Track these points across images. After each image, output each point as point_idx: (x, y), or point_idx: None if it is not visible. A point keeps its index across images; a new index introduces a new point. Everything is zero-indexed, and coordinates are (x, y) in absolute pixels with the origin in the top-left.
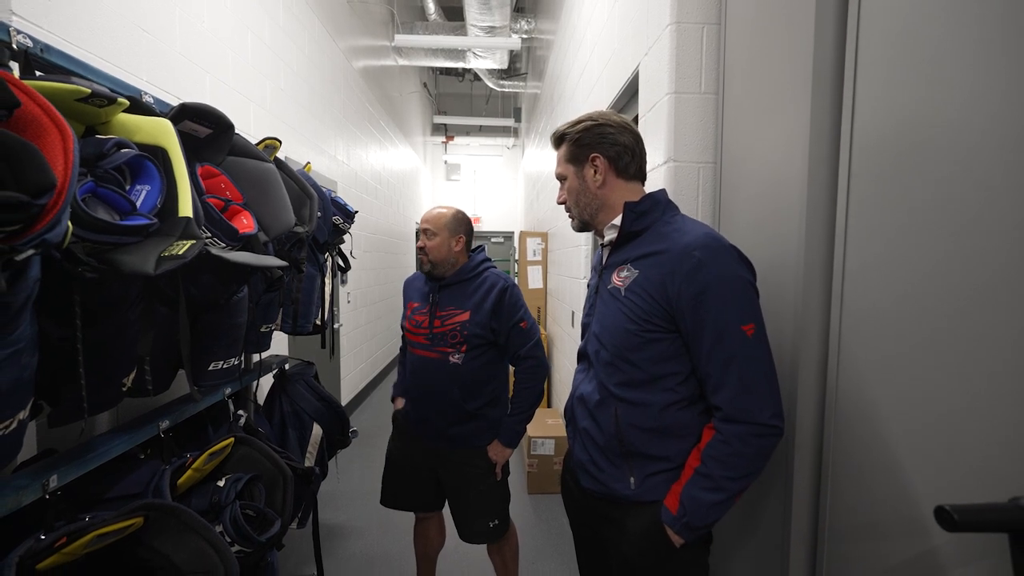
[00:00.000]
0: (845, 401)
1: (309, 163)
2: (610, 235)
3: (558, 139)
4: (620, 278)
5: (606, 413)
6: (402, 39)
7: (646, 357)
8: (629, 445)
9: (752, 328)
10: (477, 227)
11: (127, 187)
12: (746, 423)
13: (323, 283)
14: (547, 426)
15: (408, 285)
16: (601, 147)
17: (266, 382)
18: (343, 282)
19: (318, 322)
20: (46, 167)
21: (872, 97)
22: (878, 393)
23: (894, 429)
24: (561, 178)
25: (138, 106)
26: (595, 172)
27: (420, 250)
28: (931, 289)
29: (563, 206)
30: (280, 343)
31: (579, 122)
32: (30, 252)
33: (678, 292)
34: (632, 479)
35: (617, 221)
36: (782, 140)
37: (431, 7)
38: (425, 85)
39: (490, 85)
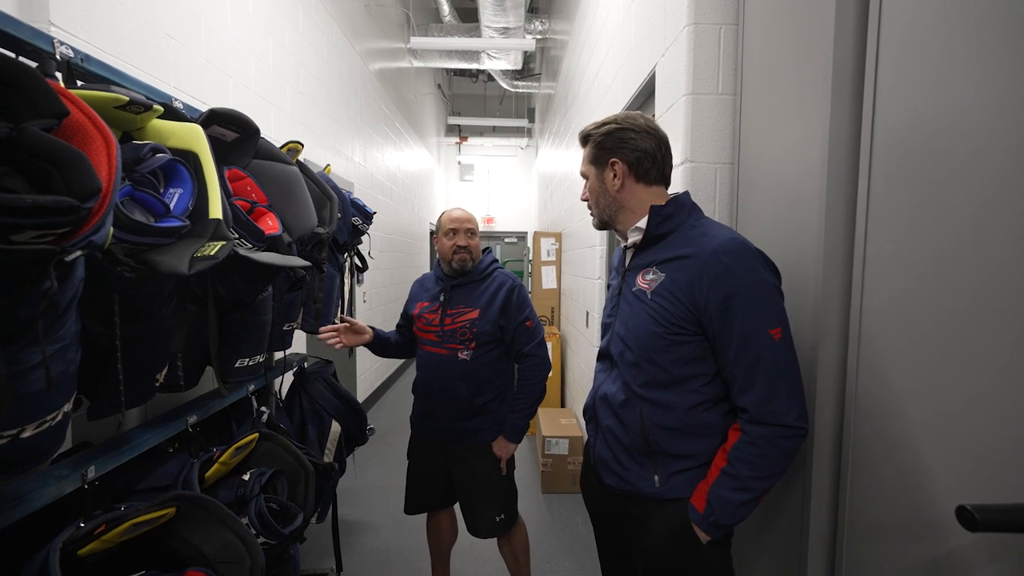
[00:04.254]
0: (864, 398)
1: (329, 165)
2: (634, 237)
3: (584, 139)
4: (646, 281)
5: (631, 413)
6: (417, 41)
7: (672, 359)
8: (654, 444)
9: (779, 332)
10: (491, 227)
11: (161, 190)
12: (773, 425)
13: (343, 282)
14: (561, 426)
15: (417, 287)
16: (621, 152)
17: (286, 380)
18: (359, 282)
19: (337, 321)
20: (93, 173)
21: (892, 96)
22: (898, 390)
23: (914, 427)
24: (585, 177)
25: (170, 112)
26: (613, 176)
27: (463, 248)
28: (951, 284)
29: (585, 203)
30: (298, 342)
31: (603, 124)
32: (78, 253)
33: (706, 296)
34: (656, 477)
35: (642, 224)
36: (801, 140)
37: (446, 9)
38: (439, 86)
39: (504, 86)
